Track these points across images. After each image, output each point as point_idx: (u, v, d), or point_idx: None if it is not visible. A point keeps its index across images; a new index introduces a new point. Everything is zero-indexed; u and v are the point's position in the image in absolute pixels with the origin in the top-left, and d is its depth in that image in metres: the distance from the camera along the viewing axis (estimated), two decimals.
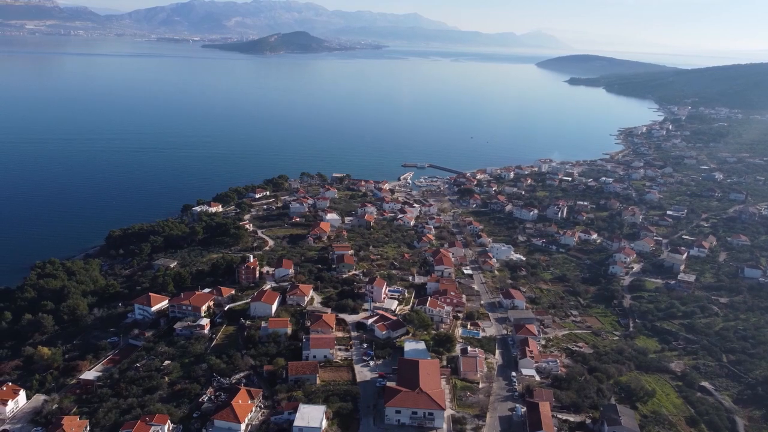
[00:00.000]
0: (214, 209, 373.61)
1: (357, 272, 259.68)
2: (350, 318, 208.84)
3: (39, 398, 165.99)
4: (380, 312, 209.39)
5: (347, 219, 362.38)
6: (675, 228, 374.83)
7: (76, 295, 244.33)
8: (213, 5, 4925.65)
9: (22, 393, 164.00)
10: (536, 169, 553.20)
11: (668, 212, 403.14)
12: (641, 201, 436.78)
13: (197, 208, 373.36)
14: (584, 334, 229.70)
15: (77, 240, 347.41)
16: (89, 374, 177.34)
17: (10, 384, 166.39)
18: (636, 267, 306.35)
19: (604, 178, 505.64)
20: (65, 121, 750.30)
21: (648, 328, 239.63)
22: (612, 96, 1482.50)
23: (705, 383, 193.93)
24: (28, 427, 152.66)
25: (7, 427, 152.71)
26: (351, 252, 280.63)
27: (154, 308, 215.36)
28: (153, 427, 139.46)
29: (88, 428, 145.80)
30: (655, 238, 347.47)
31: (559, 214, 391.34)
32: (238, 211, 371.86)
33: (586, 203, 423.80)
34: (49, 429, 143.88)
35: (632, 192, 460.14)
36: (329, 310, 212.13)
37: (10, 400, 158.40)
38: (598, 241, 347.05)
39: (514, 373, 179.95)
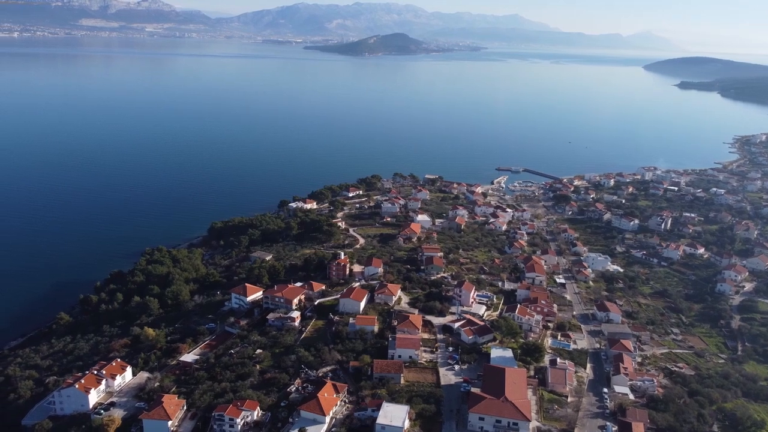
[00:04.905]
0: (308, 206, 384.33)
1: (446, 275, 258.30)
2: (437, 320, 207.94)
3: (143, 375, 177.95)
4: (467, 316, 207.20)
5: (438, 221, 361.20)
6: None
7: (179, 281, 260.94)
8: (316, 8, 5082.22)
9: (129, 369, 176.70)
10: (639, 176, 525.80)
11: None
12: (757, 215, 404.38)
13: (293, 205, 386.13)
14: (685, 355, 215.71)
15: (183, 230, 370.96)
16: (188, 357, 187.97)
17: (119, 360, 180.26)
18: (748, 286, 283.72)
19: (714, 189, 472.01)
20: (176, 122, 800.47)
21: (759, 353, 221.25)
22: (728, 101, 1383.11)
23: None
24: (132, 402, 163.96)
25: (114, 399, 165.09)
26: (440, 254, 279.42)
27: (250, 298, 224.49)
28: (243, 412, 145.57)
29: (184, 408, 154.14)
30: None
31: (663, 226, 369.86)
32: (331, 208, 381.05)
33: (693, 215, 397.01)
34: (150, 405, 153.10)
35: (747, 205, 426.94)
36: (416, 311, 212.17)
37: (118, 375, 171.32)
38: (705, 256, 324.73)
39: (605, 390, 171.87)
